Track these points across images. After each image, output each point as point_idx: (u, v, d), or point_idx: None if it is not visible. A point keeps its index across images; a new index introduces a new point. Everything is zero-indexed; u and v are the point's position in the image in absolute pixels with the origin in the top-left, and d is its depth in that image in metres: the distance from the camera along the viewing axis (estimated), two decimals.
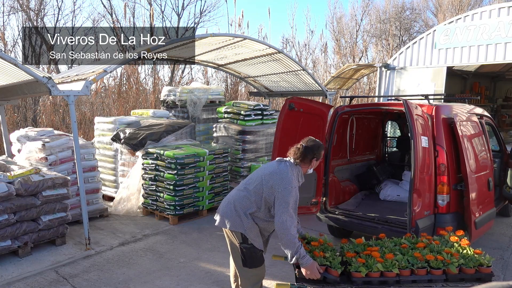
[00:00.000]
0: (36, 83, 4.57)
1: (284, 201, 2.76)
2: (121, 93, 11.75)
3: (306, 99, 4.77)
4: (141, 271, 4.35)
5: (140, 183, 6.44)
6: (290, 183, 2.81)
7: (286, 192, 2.78)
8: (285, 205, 2.76)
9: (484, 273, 2.85)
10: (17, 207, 4.58)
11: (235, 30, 14.45)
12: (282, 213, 2.75)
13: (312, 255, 2.91)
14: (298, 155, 2.96)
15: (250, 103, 7.51)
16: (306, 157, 2.97)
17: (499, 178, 5.50)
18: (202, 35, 6.08)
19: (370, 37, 24.92)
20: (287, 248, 2.77)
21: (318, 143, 3.04)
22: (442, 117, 4.16)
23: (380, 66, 11.44)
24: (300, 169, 3.01)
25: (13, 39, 13.58)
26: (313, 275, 2.76)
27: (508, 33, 8.84)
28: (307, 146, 2.99)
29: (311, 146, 3.00)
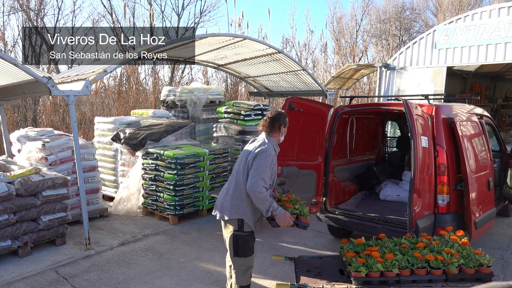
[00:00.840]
0: (36, 83, 4.57)
1: (259, 167, 3.03)
2: (121, 93, 11.75)
3: (306, 99, 4.77)
4: (141, 271, 4.35)
5: (140, 183, 6.44)
6: (266, 151, 3.08)
7: (262, 159, 3.05)
8: (259, 171, 3.01)
9: (484, 273, 2.85)
10: (17, 207, 4.58)
11: (235, 30, 14.46)
12: (254, 177, 3.00)
13: (284, 207, 3.22)
14: (267, 126, 3.26)
15: (250, 103, 7.51)
16: (274, 126, 3.27)
17: (499, 178, 5.50)
18: (202, 35, 6.08)
19: (370, 37, 24.94)
20: (261, 205, 3.04)
21: (281, 111, 3.38)
22: (442, 117, 4.16)
23: (380, 66, 11.44)
24: (274, 140, 3.28)
25: (13, 39, 13.59)
26: (287, 223, 3.14)
27: (508, 33, 8.84)
28: (272, 116, 3.30)
29: (276, 115, 3.31)
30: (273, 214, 3.08)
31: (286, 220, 3.12)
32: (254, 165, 3.05)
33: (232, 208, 3.12)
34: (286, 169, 4.55)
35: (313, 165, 4.77)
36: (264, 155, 3.06)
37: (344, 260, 3.12)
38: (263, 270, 4.35)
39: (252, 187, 2.97)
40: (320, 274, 3.17)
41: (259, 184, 2.98)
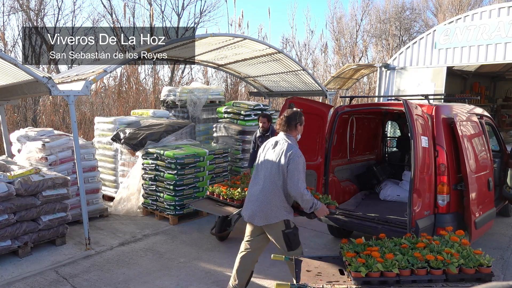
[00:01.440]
0: (36, 83, 4.57)
1: (297, 170, 3.23)
2: (121, 93, 11.75)
3: (306, 99, 4.77)
4: (141, 271, 4.35)
5: (140, 183, 6.44)
6: (297, 154, 3.28)
7: (296, 162, 3.25)
8: (298, 174, 3.23)
9: (484, 273, 2.84)
10: (17, 207, 4.58)
11: (235, 30, 14.47)
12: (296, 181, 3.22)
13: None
14: (284, 125, 3.42)
15: (250, 103, 7.51)
16: (291, 125, 3.42)
17: (499, 178, 5.50)
18: (202, 35, 6.08)
19: (370, 37, 24.95)
20: (306, 204, 3.30)
21: (297, 110, 3.55)
22: (442, 117, 4.16)
23: (380, 66, 11.44)
24: (293, 138, 3.44)
25: (13, 39, 13.58)
26: (324, 213, 3.47)
27: (508, 33, 8.84)
28: (289, 115, 3.46)
29: (292, 113, 3.47)
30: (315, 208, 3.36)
31: (324, 211, 3.43)
32: (291, 169, 3.22)
33: (277, 213, 3.31)
34: None
35: (313, 165, 4.77)
36: (297, 159, 3.24)
37: (344, 260, 3.12)
38: (263, 270, 4.35)
39: (298, 192, 3.21)
40: (320, 274, 3.16)
41: (303, 186, 3.22)
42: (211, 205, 5.15)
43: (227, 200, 5.08)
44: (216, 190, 5.25)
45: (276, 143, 3.43)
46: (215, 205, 5.12)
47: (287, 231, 3.37)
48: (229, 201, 5.06)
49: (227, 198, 5.08)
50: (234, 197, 5.00)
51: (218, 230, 5.12)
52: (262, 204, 3.33)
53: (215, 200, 5.22)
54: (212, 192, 5.30)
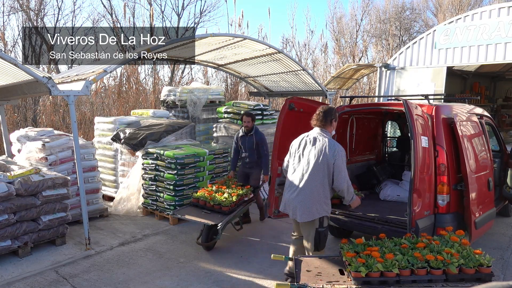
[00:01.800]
0: (36, 83, 4.57)
1: (342, 165, 3.40)
2: (121, 93, 11.75)
3: (306, 99, 4.77)
4: (141, 271, 4.35)
5: (140, 183, 6.44)
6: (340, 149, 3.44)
7: (340, 157, 3.40)
8: (343, 169, 3.41)
9: (484, 273, 2.85)
10: (17, 207, 4.58)
11: (235, 30, 14.46)
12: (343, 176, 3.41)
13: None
14: (320, 120, 3.55)
15: (250, 103, 7.51)
16: (327, 120, 3.55)
17: (499, 178, 5.50)
18: (202, 35, 6.08)
19: (370, 37, 24.94)
20: (348, 197, 3.52)
21: (332, 106, 3.73)
22: (442, 117, 4.16)
23: (380, 66, 11.44)
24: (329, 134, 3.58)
25: (13, 39, 13.58)
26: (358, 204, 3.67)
27: (508, 33, 8.84)
28: (325, 110, 3.58)
29: (328, 109, 3.61)
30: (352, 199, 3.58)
31: (358, 202, 3.65)
32: (338, 164, 3.38)
33: (319, 209, 3.45)
34: None
35: None
36: (342, 153, 3.42)
37: (344, 260, 3.12)
38: (263, 270, 4.35)
39: (346, 186, 3.43)
40: (320, 274, 3.16)
41: (348, 180, 3.44)
42: (196, 213, 4.88)
43: (213, 206, 4.91)
44: (201, 196, 5.06)
45: (314, 140, 3.52)
46: (201, 213, 4.88)
47: (320, 230, 3.52)
48: (216, 208, 4.88)
49: (214, 204, 4.91)
50: (222, 203, 4.85)
51: (205, 239, 4.82)
52: (305, 200, 3.45)
53: (201, 207, 5.02)
54: (197, 199, 5.08)
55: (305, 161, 3.50)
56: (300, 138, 3.71)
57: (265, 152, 5.70)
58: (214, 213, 4.85)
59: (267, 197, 4.61)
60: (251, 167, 5.81)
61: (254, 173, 5.83)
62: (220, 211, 4.84)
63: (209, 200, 4.95)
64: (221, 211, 4.83)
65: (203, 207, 5.00)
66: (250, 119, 5.70)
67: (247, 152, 5.75)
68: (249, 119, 5.68)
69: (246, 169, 5.87)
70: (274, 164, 4.51)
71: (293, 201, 3.54)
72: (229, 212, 4.87)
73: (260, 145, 5.68)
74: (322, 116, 3.55)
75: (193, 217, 4.80)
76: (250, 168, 5.82)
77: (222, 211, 4.83)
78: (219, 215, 4.81)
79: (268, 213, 4.55)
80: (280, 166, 4.53)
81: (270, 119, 7.71)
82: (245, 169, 5.89)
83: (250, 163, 5.79)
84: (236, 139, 5.92)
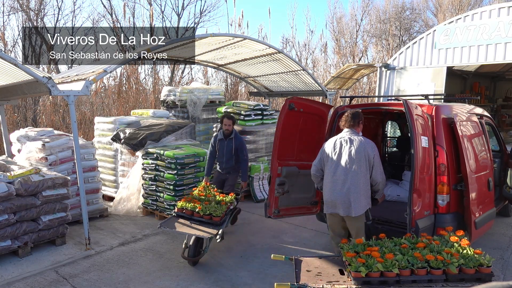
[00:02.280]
0: (36, 83, 4.57)
1: (379, 161, 3.72)
2: (121, 93, 11.75)
3: (306, 99, 4.77)
4: (141, 271, 4.35)
5: (140, 183, 6.44)
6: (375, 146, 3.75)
7: (377, 154, 3.74)
8: (380, 161, 3.72)
9: (484, 273, 2.85)
10: (17, 207, 4.58)
11: (235, 30, 14.47)
12: (382, 171, 3.71)
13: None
14: (352, 122, 3.82)
15: (250, 103, 7.51)
16: (355, 121, 3.82)
17: (499, 178, 5.50)
18: (202, 35, 6.08)
19: (370, 37, 24.94)
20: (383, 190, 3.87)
21: (358, 110, 3.98)
22: (442, 117, 4.16)
23: (380, 66, 11.44)
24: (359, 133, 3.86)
25: (13, 39, 13.58)
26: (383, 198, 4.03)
27: (508, 33, 8.84)
28: (353, 113, 3.85)
29: (355, 112, 3.88)
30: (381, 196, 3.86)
31: (384, 197, 4.00)
32: (377, 161, 3.68)
33: (364, 203, 3.69)
34: (286, 169, 4.55)
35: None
36: (376, 150, 3.73)
37: (344, 260, 3.12)
38: (263, 270, 4.35)
39: (384, 179, 3.75)
40: (320, 274, 3.16)
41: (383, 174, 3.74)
42: (185, 225, 4.44)
43: (202, 217, 4.47)
44: (188, 206, 4.59)
45: (351, 140, 3.76)
46: (191, 225, 4.43)
47: (368, 222, 3.79)
48: (205, 218, 4.45)
49: (203, 215, 4.47)
50: (214, 213, 4.47)
51: (193, 253, 4.37)
52: (357, 196, 3.64)
53: (188, 217, 4.53)
54: (182, 209, 4.60)
55: (347, 159, 3.69)
56: (332, 140, 3.87)
57: (244, 157, 5.43)
58: (204, 224, 4.43)
59: (267, 197, 4.60)
60: (228, 172, 5.51)
61: (230, 180, 5.55)
62: (211, 222, 4.44)
63: (198, 210, 4.50)
64: (212, 221, 4.44)
65: (190, 218, 4.52)
66: (231, 122, 5.40)
67: (225, 157, 5.43)
68: (230, 122, 5.38)
69: (222, 175, 5.56)
70: (274, 164, 4.51)
71: (344, 198, 3.68)
72: (221, 223, 4.52)
73: (240, 150, 5.39)
74: (351, 118, 3.83)
75: (185, 230, 4.34)
76: (227, 173, 5.52)
77: (214, 222, 4.44)
78: (210, 226, 4.41)
79: (268, 213, 4.55)
80: (280, 166, 4.55)
81: (270, 119, 7.71)
82: (221, 175, 5.57)
83: (227, 168, 5.48)
84: (213, 143, 5.53)
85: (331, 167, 3.77)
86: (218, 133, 5.59)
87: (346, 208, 3.68)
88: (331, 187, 3.77)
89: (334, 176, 3.74)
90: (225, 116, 5.45)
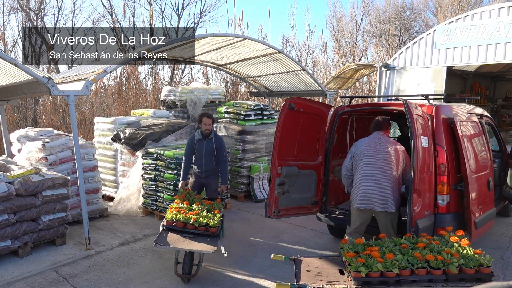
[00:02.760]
0: (36, 83, 4.57)
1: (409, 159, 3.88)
2: (121, 93, 11.75)
3: (306, 99, 4.76)
4: (141, 271, 4.35)
5: (140, 183, 6.44)
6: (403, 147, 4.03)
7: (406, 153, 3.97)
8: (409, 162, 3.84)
9: (484, 273, 2.85)
10: (17, 207, 4.58)
11: (235, 30, 14.47)
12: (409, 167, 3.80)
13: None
14: (381, 126, 4.15)
15: (250, 103, 7.51)
16: (384, 126, 4.16)
17: (499, 178, 5.50)
18: (202, 35, 6.08)
19: (370, 37, 24.95)
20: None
21: (386, 117, 4.30)
22: (442, 117, 4.16)
23: (380, 66, 11.45)
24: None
25: (13, 39, 13.58)
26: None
27: (508, 33, 8.84)
28: (382, 119, 4.18)
29: (384, 118, 4.22)
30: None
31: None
32: (408, 160, 3.91)
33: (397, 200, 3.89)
34: (286, 169, 4.55)
35: (313, 165, 4.77)
36: (406, 152, 3.98)
37: (344, 260, 3.12)
38: (263, 270, 4.35)
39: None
40: (320, 274, 3.16)
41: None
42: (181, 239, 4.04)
43: (197, 228, 4.09)
44: (179, 217, 4.16)
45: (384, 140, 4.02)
46: (185, 237, 4.06)
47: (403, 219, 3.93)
48: (200, 230, 4.08)
49: (198, 226, 4.10)
50: (210, 224, 4.11)
51: (189, 270, 4.02)
52: (393, 192, 3.84)
53: (179, 230, 4.13)
54: (172, 221, 4.17)
55: (385, 157, 3.91)
56: (364, 140, 4.11)
57: (224, 158, 5.11)
58: (199, 236, 4.07)
59: (267, 197, 4.60)
60: (207, 176, 5.13)
61: (213, 184, 5.22)
62: (207, 233, 4.09)
63: (192, 221, 4.10)
64: (209, 233, 4.08)
65: (182, 230, 4.12)
66: (211, 121, 5.06)
67: (205, 159, 5.07)
68: (210, 121, 5.03)
69: (201, 179, 5.16)
70: (274, 164, 4.51)
71: (383, 193, 3.84)
72: (218, 233, 4.19)
73: (220, 151, 5.08)
74: (381, 123, 4.16)
75: (184, 245, 3.93)
76: (206, 177, 5.14)
77: (210, 233, 4.09)
78: (207, 238, 4.05)
79: (268, 213, 4.55)
80: (280, 166, 4.54)
81: (270, 119, 7.71)
82: (200, 179, 5.16)
83: (207, 171, 5.10)
84: (190, 144, 5.12)
85: (368, 163, 3.96)
86: (195, 132, 5.18)
87: (385, 203, 3.84)
88: (368, 183, 3.92)
89: (372, 172, 3.92)
90: (205, 115, 5.06)
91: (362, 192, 3.94)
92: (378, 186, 3.86)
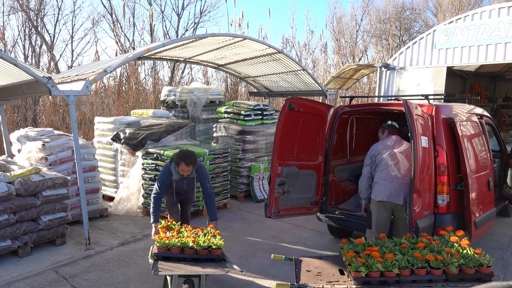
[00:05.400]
0: (36, 83, 4.57)
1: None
2: (121, 93, 11.75)
3: (306, 99, 4.76)
4: (141, 271, 4.35)
5: (140, 183, 6.44)
6: None
7: None
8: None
9: (484, 273, 2.85)
10: (17, 207, 4.58)
11: (235, 30, 14.48)
12: None
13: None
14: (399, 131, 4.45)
15: (250, 103, 7.51)
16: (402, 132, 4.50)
17: (499, 178, 5.50)
18: (202, 35, 6.08)
19: (370, 37, 24.95)
20: None
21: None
22: (442, 117, 4.16)
23: (380, 66, 11.45)
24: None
25: (13, 39, 13.57)
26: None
27: (508, 33, 8.84)
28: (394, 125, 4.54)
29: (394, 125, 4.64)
30: None
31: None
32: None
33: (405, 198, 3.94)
34: (286, 169, 4.55)
35: (313, 165, 4.77)
36: None
37: (344, 260, 3.12)
38: (263, 270, 4.35)
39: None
40: (320, 274, 3.16)
41: None
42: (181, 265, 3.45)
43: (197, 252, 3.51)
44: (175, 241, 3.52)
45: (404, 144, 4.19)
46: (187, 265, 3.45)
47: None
48: (202, 254, 3.52)
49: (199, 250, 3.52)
50: (213, 245, 3.55)
51: None
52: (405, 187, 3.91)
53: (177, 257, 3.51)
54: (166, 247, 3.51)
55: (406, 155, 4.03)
56: (383, 142, 4.26)
57: (209, 191, 4.44)
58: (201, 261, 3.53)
59: (267, 197, 4.60)
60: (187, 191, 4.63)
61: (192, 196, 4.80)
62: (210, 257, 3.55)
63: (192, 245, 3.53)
64: (212, 256, 3.55)
65: (179, 257, 3.53)
66: (191, 168, 4.26)
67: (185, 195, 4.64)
68: (189, 168, 4.23)
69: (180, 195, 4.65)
70: (274, 164, 4.51)
71: (402, 189, 3.95)
72: (222, 256, 3.64)
73: (203, 183, 4.45)
74: (396, 128, 4.47)
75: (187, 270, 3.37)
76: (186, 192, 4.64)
77: (215, 256, 3.56)
78: (212, 262, 3.55)
79: (268, 213, 4.55)
80: (280, 166, 4.54)
81: (270, 119, 7.71)
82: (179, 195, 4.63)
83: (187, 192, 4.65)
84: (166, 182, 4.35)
85: (391, 161, 4.09)
86: (171, 168, 4.33)
87: (406, 198, 3.88)
88: (391, 178, 4.02)
89: (395, 167, 4.04)
90: (183, 161, 4.17)
91: (385, 185, 4.04)
92: (402, 181, 3.97)
